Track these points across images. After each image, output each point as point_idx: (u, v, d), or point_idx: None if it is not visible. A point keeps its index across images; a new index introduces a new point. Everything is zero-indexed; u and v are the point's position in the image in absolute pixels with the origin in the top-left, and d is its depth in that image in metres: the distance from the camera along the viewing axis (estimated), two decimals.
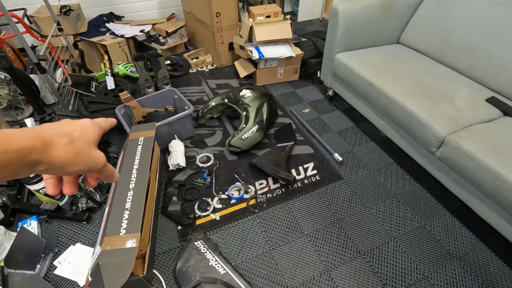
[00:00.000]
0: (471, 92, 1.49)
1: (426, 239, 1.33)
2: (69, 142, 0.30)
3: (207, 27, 2.47)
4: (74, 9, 2.47)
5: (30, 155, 0.26)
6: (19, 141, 0.25)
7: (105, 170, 0.35)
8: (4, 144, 0.24)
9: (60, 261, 1.27)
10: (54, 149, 0.29)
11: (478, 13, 1.59)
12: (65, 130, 0.31)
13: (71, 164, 0.30)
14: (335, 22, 1.81)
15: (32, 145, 0.26)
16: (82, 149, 0.31)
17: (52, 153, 0.28)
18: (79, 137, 0.31)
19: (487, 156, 1.16)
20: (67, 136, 0.30)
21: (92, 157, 0.32)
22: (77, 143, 0.31)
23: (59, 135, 0.30)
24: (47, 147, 0.28)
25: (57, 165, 0.29)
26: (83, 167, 0.31)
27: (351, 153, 1.77)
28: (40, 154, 0.27)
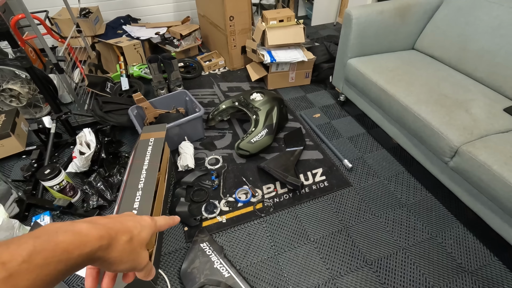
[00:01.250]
0: (488, 101, 1.44)
1: (436, 251, 1.29)
2: (128, 240, 0.31)
3: (220, 30, 2.50)
4: (93, 11, 2.55)
5: (95, 254, 0.27)
6: (91, 243, 0.26)
7: (144, 269, 0.35)
8: (80, 248, 0.25)
9: None
10: (115, 246, 0.29)
11: (498, 20, 1.54)
12: (128, 227, 0.31)
13: (122, 262, 0.30)
14: (348, 27, 1.80)
15: (101, 244, 0.27)
16: (135, 248, 0.32)
17: (112, 251, 0.29)
18: (136, 235, 0.32)
19: (503, 168, 1.12)
20: (128, 233, 0.31)
21: (139, 258, 0.32)
22: (133, 242, 0.31)
23: (123, 231, 0.30)
24: (110, 245, 0.28)
25: (110, 262, 0.29)
26: (129, 266, 0.32)
27: (361, 160, 1.74)
28: (103, 252, 0.28)
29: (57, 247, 0.24)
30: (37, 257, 0.23)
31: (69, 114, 1.79)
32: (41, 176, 1.38)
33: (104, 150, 1.69)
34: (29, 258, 0.22)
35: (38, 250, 0.23)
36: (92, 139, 1.64)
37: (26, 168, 1.64)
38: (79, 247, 0.25)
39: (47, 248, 0.23)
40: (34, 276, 0.22)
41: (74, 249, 0.25)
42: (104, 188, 1.52)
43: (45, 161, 1.64)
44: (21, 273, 0.22)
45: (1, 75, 1.94)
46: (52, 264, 0.23)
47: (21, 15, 1.93)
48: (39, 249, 0.23)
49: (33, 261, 0.22)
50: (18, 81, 1.96)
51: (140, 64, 2.52)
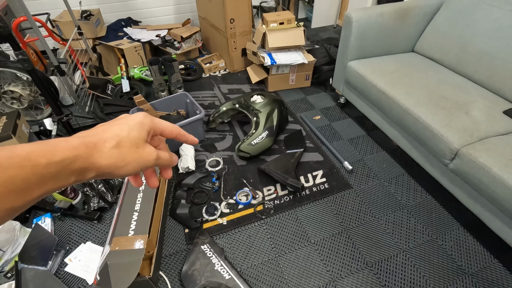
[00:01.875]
0: (488, 104, 1.44)
1: (437, 254, 1.30)
2: (114, 145, 0.29)
3: (221, 32, 2.51)
4: (94, 14, 2.56)
5: (73, 164, 0.26)
6: (61, 152, 0.25)
7: (160, 162, 0.34)
8: (47, 156, 0.24)
9: (71, 259, 1.31)
10: (99, 154, 0.28)
11: (497, 22, 1.55)
12: (112, 132, 0.30)
13: (120, 167, 0.29)
14: (348, 29, 1.81)
15: (75, 154, 0.26)
16: (129, 149, 0.30)
17: (96, 159, 0.28)
18: (125, 136, 0.30)
19: (503, 170, 1.12)
20: (113, 138, 0.29)
21: (141, 156, 0.31)
22: (123, 145, 0.30)
23: (104, 139, 0.29)
24: (90, 154, 0.27)
25: (104, 170, 0.28)
26: (134, 167, 0.31)
27: (362, 162, 1.75)
28: (84, 162, 0.27)
29: (12, 154, 0.23)
30: None
31: (70, 116, 1.80)
32: None
33: None
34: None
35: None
36: None
37: None
38: (45, 155, 0.24)
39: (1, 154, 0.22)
40: None
41: (38, 156, 0.24)
42: (105, 190, 1.52)
43: None
44: None
45: (2, 77, 1.94)
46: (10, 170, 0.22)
47: (23, 18, 1.94)
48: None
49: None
50: (20, 83, 1.97)
51: (141, 66, 2.53)
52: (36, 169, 0.23)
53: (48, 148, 0.25)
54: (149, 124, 0.33)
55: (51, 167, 0.24)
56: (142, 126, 0.32)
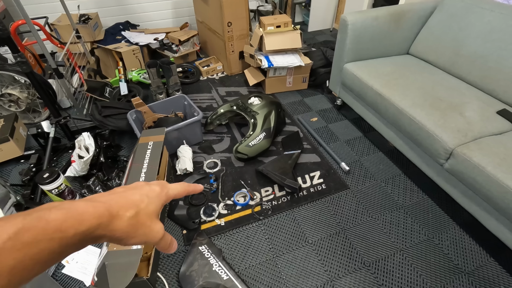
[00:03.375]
0: (482, 104, 1.47)
1: (433, 253, 1.31)
2: (133, 216, 0.30)
3: (218, 36, 2.53)
4: (92, 17, 2.58)
5: (95, 232, 0.26)
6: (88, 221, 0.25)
7: (161, 243, 0.34)
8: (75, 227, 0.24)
9: (68, 260, 1.31)
10: (118, 222, 0.28)
11: (490, 25, 1.58)
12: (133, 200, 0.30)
13: (130, 237, 0.30)
14: (344, 32, 1.83)
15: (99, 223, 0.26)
16: (144, 222, 0.31)
17: (115, 227, 0.28)
18: (143, 209, 0.31)
19: (497, 169, 1.14)
20: (133, 208, 0.30)
21: (151, 231, 0.31)
22: (140, 216, 0.30)
23: (127, 207, 0.29)
24: (112, 222, 0.28)
25: (117, 238, 0.29)
26: (140, 240, 0.31)
27: (358, 162, 1.76)
28: (103, 230, 0.27)
29: (48, 225, 0.23)
30: (25, 234, 0.21)
31: (68, 118, 1.80)
32: (40, 179, 1.38)
33: (103, 154, 1.70)
34: (15, 235, 0.21)
35: (27, 227, 0.22)
36: (91, 143, 1.65)
37: (24, 173, 1.64)
38: (74, 225, 0.24)
39: (37, 225, 0.22)
40: (22, 254, 0.21)
41: (68, 227, 0.24)
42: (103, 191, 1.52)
43: (43, 165, 1.65)
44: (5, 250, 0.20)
45: (0, 80, 1.95)
46: (43, 243, 0.22)
47: (21, 21, 1.95)
48: (28, 226, 0.22)
49: (20, 239, 0.21)
50: (17, 86, 1.97)
51: (139, 69, 2.54)
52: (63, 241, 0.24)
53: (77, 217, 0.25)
54: (164, 198, 0.34)
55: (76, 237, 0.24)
56: (159, 200, 0.33)
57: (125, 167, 1.59)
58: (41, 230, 0.22)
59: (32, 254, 0.22)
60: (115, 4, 2.94)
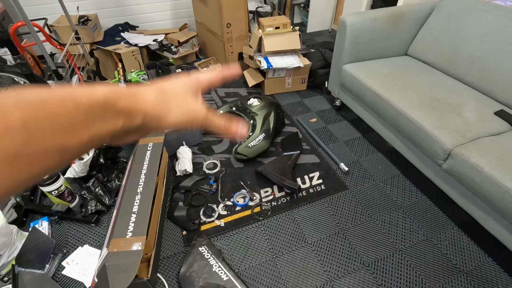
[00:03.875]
0: (479, 105, 1.48)
1: (432, 253, 1.31)
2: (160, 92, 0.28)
3: (217, 37, 2.53)
4: (91, 19, 2.58)
5: (117, 103, 0.25)
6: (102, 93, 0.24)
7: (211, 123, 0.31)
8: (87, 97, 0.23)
9: (68, 262, 1.31)
10: (142, 97, 0.27)
11: (487, 26, 1.59)
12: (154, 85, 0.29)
13: (168, 110, 0.28)
14: (343, 34, 1.84)
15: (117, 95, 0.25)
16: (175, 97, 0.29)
17: (141, 100, 0.26)
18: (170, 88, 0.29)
19: (495, 170, 1.15)
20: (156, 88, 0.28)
21: (188, 106, 0.29)
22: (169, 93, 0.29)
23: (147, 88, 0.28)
24: (133, 96, 0.26)
25: (152, 114, 0.27)
26: (182, 115, 0.29)
27: (357, 163, 1.77)
28: (128, 101, 0.25)
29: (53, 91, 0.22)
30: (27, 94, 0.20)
31: None
32: (39, 181, 1.38)
33: (102, 155, 1.70)
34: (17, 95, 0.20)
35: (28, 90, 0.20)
36: None
37: None
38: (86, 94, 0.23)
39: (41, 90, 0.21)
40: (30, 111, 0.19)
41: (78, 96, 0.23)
42: (103, 193, 1.53)
43: None
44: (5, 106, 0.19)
45: None
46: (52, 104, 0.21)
47: (21, 23, 1.95)
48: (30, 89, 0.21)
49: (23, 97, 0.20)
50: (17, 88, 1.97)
51: (138, 70, 2.55)
52: (79, 108, 0.22)
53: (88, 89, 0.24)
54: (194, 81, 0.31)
55: (94, 106, 0.23)
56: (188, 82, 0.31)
57: (125, 168, 1.59)
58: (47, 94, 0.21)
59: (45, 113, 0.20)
60: (114, 6, 2.94)
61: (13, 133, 0.18)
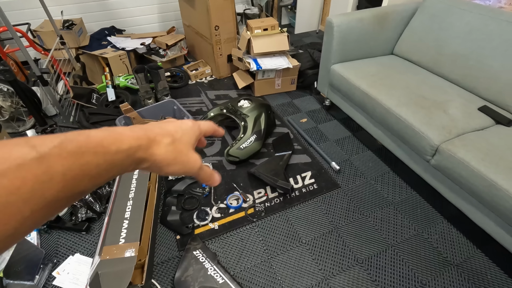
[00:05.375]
0: (464, 102, 1.52)
1: (423, 247, 1.34)
2: (170, 143, 0.31)
3: (206, 39, 2.53)
4: (76, 23, 2.54)
5: (136, 153, 0.27)
6: (128, 140, 0.27)
7: (201, 173, 0.35)
8: (116, 144, 0.25)
9: (59, 272, 1.28)
10: (157, 147, 0.29)
11: (469, 25, 1.64)
12: (168, 130, 0.32)
13: (170, 164, 0.31)
14: (330, 34, 1.87)
15: (139, 144, 0.27)
16: (181, 150, 0.32)
17: (155, 151, 0.29)
18: (179, 138, 0.32)
19: (480, 164, 1.18)
20: (170, 136, 0.31)
21: (189, 160, 0.33)
22: (177, 144, 0.31)
23: (163, 134, 0.30)
24: (151, 145, 0.29)
25: (157, 164, 0.30)
26: (179, 169, 0.32)
27: (348, 162, 1.79)
28: (144, 152, 0.28)
29: (89, 139, 0.24)
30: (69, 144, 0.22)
31: (54, 126, 1.77)
32: None
33: None
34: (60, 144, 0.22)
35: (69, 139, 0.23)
36: None
37: None
38: (115, 143, 0.25)
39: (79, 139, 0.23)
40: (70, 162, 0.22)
41: (110, 144, 0.25)
42: (93, 200, 1.50)
43: None
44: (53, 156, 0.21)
45: None
46: (87, 155, 0.23)
47: (3, 28, 1.91)
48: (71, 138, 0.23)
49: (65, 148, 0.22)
50: (0, 95, 1.91)
51: (126, 74, 2.52)
52: (107, 156, 0.25)
53: (116, 136, 0.26)
54: (198, 131, 0.35)
55: (119, 154, 0.26)
56: (193, 131, 0.34)
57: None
58: (84, 143, 0.23)
59: (79, 164, 0.22)
60: (99, 9, 2.90)
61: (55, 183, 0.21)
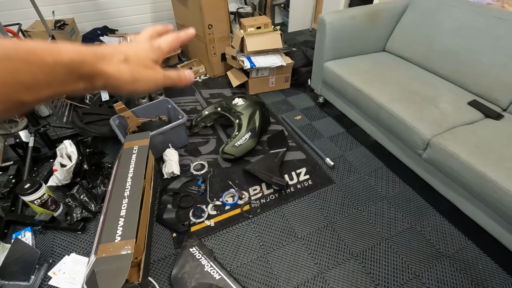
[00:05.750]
0: (454, 96, 1.55)
1: (416, 239, 1.36)
2: (122, 60, 0.29)
3: (200, 38, 2.53)
4: (68, 23, 2.52)
5: (81, 68, 0.25)
6: (68, 54, 0.25)
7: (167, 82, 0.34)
8: (53, 56, 0.23)
9: (55, 272, 1.27)
10: (107, 64, 0.28)
11: (458, 22, 1.67)
12: (120, 49, 0.30)
13: (129, 82, 0.29)
14: (323, 32, 1.88)
15: (82, 58, 0.26)
16: (137, 67, 0.30)
17: (104, 67, 0.27)
18: (133, 55, 0.30)
19: (470, 156, 1.21)
20: (121, 53, 0.29)
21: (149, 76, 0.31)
22: (131, 61, 0.30)
23: (113, 52, 0.29)
24: (99, 61, 0.27)
25: (114, 82, 0.28)
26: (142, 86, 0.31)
27: (342, 157, 1.81)
28: (91, 68, 0.26)
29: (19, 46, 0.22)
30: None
31: (48, 127, 1.75)
32: (20, 190, 1.34)
33: (86, 161, 1.66)
34: None
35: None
36: (74, 150, 1.61)
37: (3, 184, 1.58)
38: (51, 53, 0.23)
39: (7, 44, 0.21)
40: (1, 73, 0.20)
41: (44, 54, 0.23)
42: (88, 200, 1.49)
43: (23, 176, 1.60)
44: None
45: None
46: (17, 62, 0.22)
47: None
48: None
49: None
50: None
51: None
52: (43, 67, 0.23)
53: (54, 47, 0.24)
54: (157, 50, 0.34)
55: (58, 67, 0.24)
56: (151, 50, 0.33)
57: (110, 174, 1.56)
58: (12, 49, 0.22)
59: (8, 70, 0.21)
60: (91, 9, 2.88)
61: None
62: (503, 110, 1.50)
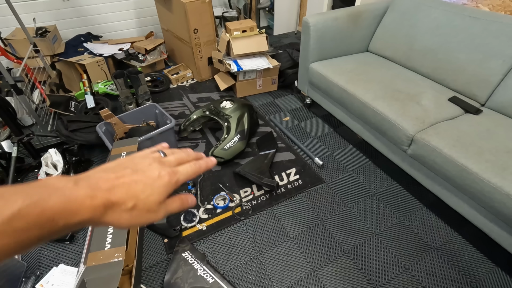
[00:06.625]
0: (435, 93, 1.60)
1: (405, 234, 1.40)
2: (129, 209, 0.28)
3: (185, 43, 2.53)
4: (50, 30, 2.47)
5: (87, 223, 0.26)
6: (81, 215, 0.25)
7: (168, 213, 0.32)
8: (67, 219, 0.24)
9: (43, 284, 1.24)
10: (110, 215, 0.27)
11: (436, 21, 1.74)
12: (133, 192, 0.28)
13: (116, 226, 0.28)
14: (307, 34, 1.92)
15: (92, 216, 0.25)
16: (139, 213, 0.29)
17: (105, 219, 0.27)
18: (143, 200, 0.29)
19: (452, 150, 1.25)
20: (132, 200, 0.28)
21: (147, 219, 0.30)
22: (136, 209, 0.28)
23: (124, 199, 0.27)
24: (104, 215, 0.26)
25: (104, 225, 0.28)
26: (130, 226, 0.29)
27: (331, 156, 1.84)
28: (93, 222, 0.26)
29: (43, 214, 0.23)
30: (18, 222, 0.21)
31: (31, 136, 1.71)
32: None
33: (72, 170, 1.63)
34: (9, 221, 0.21)
35: (22, 213, 0.22)
36: (59, 159, 1.58)
37: None
38: (67, 217, 0.24)
39: (33, 213, 0.22)
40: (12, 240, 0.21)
41: (60, 219, 0.24)
42: None
43: None
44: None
45: None
46: (33, 230, 0.22)
47: None
48: (24, 213, 0.22)
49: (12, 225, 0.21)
50: None
51: (105, 81, 2.47)
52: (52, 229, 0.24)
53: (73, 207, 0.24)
54: (173, 186, 0.32)
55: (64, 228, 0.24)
56: (166, 189, 0.31)
57: None
58: (35, 219, 0.22)
59: (21, 240, 0.22)
60: (74, 16, 2.84)
61: None
62: (481, 105, 1.56)
